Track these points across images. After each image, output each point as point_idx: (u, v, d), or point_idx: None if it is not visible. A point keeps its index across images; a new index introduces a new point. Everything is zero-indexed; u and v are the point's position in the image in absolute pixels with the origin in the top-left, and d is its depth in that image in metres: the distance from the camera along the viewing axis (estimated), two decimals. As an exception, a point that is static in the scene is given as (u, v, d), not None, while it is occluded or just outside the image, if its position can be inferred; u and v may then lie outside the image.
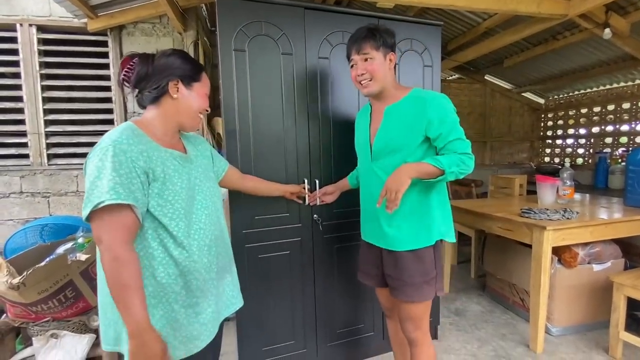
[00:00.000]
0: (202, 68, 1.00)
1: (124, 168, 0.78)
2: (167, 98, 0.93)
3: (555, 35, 3.27)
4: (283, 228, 1.58)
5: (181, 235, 0.87)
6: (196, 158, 1.02)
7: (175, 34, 2.76)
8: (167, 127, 0.95)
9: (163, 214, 0.85)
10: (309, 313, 1.67)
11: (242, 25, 1.45)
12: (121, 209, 0.77)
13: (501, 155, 5.03)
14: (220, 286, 1.02)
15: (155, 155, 0.86)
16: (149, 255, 0.84)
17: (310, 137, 1.60)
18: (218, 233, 1.00)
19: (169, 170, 0.88)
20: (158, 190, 0.84)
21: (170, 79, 0.91)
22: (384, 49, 1.18)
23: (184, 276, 0.88)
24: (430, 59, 1.80)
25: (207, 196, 0.98)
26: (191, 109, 0.96)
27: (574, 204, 2.36)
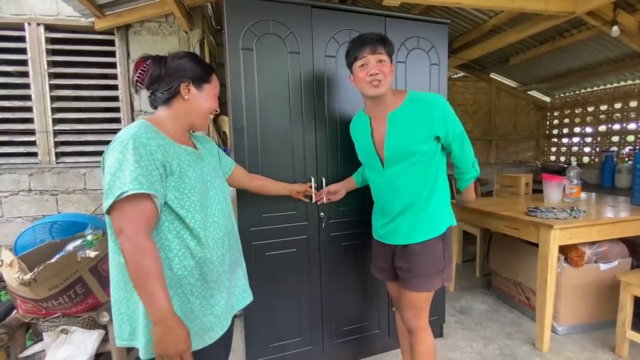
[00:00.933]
0: (213, 70, 1.03)
1: (144, 160, 0.81)
2: (179, 99, 0.96)
3: (562, 33, 3.24)
4: (290, 226, 1.59)
5: (198, 227, 0.90)
6: (206, 156, 1.05)
7: (181, 33, 2.77)
8: (178, 126, 0.98)
9: (180, 206, 0.87)
10: (315, 310, 1.68)
11: (250, 24, 1.45)
12: (143, 198, 0.79)
13: (507, 154, 5.00)
14: (232, 279, 1.05)
15: (171, 150, 0.90)
16: (165, 247, 0.87)
17: (317, 136, 1.61)
18: (230, 227, 1.04)
19: (184, 165, 0.91)
20: (175, 183, 0.87)
21: (182, 81, 0.95)
22: (391, 57, 1.26)
23: (199, 268, 0.91)
24: (437, 57, 1.80)
25: (219, 192, 1.02)
26: (201, 109, 0.99)
27: (581, 203, 2.35)
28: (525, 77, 4.61)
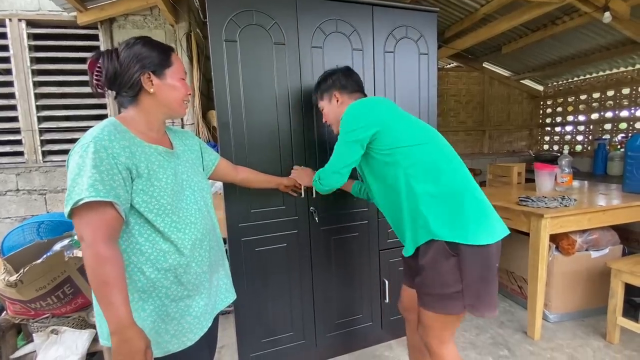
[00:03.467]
0: (170, 49, 0.94)
1: (104, 165, 0.77)
2: (144, 94, 0.89)
3: (554, 20, 3.21)
4: (279, 221, 1.57)
5: (168, 231, 0.86)
6: (183, 153, 0.99)
7: (167, 26, 2.71)
8: (151, 122, 0.92)
9: (148, 210, 0.83)
10: (307, 304, 1.67)
11: (233, 14, 1.42)
12: (101, 206, 0.76)
13: (500, 144, 5.00)
14: (213, 280, 1.01)
15: (138, 151, 0.84)
16: (137, 251, 0.84)
17: (305, 129, 1.58)
18: (209, 227, 0.99)
19: (154, 166, 0.86)
20: (142, 186, 0.83)
21: (141, 73, 0.87)
22: (325, 94, 1.35)
23: (174, 271, 0.87)
24: (426, 46, 1.77)
25: (196, 190, 0.97)
26: (171, 99, 0.92)
27: (572, 191, 2.35)
28: (518, 66, 4.58)
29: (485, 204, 1.12)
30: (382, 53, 1.68)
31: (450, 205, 1.08)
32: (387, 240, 1.79)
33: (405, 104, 1.74)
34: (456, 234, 1.05)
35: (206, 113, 2.81)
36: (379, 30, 1.66)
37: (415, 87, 1.77)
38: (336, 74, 1.35)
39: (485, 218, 1.09)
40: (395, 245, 1.81)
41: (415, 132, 1.16)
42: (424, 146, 1.14)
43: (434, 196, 1.09)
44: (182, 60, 2.68)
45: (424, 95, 1.79)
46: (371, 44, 1.66)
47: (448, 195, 1.09)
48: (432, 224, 1.08)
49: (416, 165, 1.12)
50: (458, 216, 1.07)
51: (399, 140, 1.14)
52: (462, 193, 1.10)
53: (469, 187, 1.12)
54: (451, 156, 1.17)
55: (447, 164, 1.14)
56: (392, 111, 1.20)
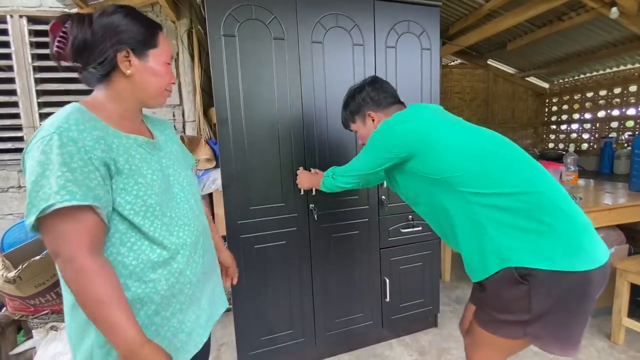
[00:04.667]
0: (158, 27, 0.78)
1: (76, 161, 0.62)
2: (118, 75, 0.74)
3: (560, 16, 3.16)
4: (279, 218, 1.56)
5: (160, 236, 0.73)
6: (165, 143, 0.85)
7: (168, 23, 2.70)
8: (125, 110, 0.77)
9: (134, 213, 0.70)
10: (307, 302, 1.66)
11: (232, 9, 1.40)
12: (79, 211, 0.62)
13: (504, 142, 4.95)
14: (208, 287, 0.88)
15: (115, 143, 0.70)
16: (118, 264, 0.69)
17: (305, 125, 1.56)
18: (202, 228, 0.87)
19: (135, 160, 0.72)
20: (124, 185, 0.69)
21: (117, 50, 0.71)
22: (357, 116, 1.21)
23: (165, 282, 0.74)
24: (429, 41, 1.74)
25: (185, 187, 0.84)
26: (151, 86, 0.77)
27: (578, 190, 2.31)
28: (523, 63, 4.52)
29: (573, 220, 0.88)
30: (383, 48, 1.66)
31: (524, 222, 0.87)
32: (388, 238, 1.77)
33: (407, 100, 1.71)
34: (531, 258, 0.85)
35: (207, 110, 2.79)
36: (380, 25, 1.63)
37: (418, 83, 1.75)
38: (364, 89, 1.18)
39: (572, 237, 0.86)
40: (396, 243, 1.79)
41: (463, 154, 0.94)
42: (478, 167, 0.92)
43: (503, 211, 0.89)
44: (183, 56, 2.67)
45: (426, 91, 1.77)
46: (372, 39, 1.63)
47: (523, 210, 0.87)
48: (505, 248, 0.88)
49: (473, 184, 0.92)
50: (535, 235, 0.86)
51: (438, 170, 0.96)
52: (539, 209, 0.87)
53: (549, 200, 0.89)
54: (518, 167, 0.93)
55: (514, 176, 0.91)
56: (435, 131, 0.98)
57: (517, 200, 0.88)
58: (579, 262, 0.83)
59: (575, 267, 0.83)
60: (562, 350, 0.88)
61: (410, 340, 1.91)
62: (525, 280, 0.85)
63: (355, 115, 1.21)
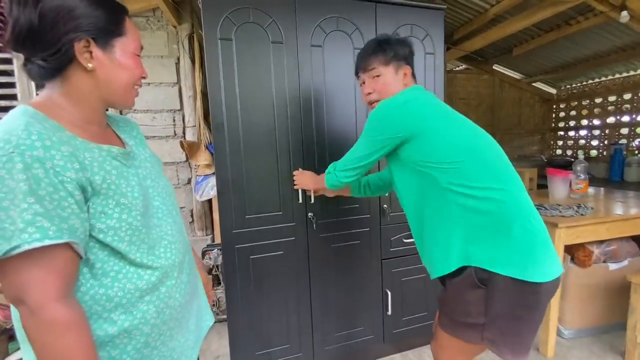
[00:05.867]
0: (125, 12, 0.66)
1: (44, 187, 0.51)
2: (77, 69, 0.60)
3: (568, 21, 3.10)
4: (276, 227, 1.50)
5: (147, 260, 0.64)
6: (137, 150, 0.75)
7: (169, 28, 2.69)
8: (89, 112, 0.64)
9: (118, 239, 0.60)
10: (305, 316, 1.59)
11: (228, 12, 1.36)
12: (51, 250, 0.51)
13: (511, 148, 4.86)
14: (194, 305, 0.81)
15: (88, 158, 0.58)
16: (101, 298, 0.60)
17: (304, 130, 1.51)
18: (186, 243, 0.79)
19: (113, 177, 0.62)
20: (102, 207, 0.59)
21: (74, 39, 0.58)
22: (396, 62, 1.08)
23: (155, 309, 0.66)
24: (433, 45, 1.69)
25: (166, 198, 0.75)
26: (117, 82, 0.64)
27: (588, 199, 2.23)
28: (530, 69, 4.46)
29: (539, 233, 0.92)
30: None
31: (495, 226, 0.90)
32: (390, 248, 1.70)
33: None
34: (493, 261, 0.89)
35: (208, 115, 2.76)
36: (382, 29, 1.58)
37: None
38: (412, 47, 1.12)
39: (535, 249, 0.90)
40: (398, 254, 1.72)
41: (456, 144, 0.95)
42: (464, 163, 0.93)
43: (477, 213, 0.91)
44: (184, 61, 2.65)
45: (429, 96, 1.71)
46: (374, 43, 1.58)
47: (494, 214, 0.90)
48: (471, 247, 0.91)
49: (455, 179, 0.93)
50: (502, 240, 0.89)
51: (431, 155, 0.95)
52: (512, 215, 0.91)
53: (522, 209, 0.93)
54: (501, 171, 0.96)
55: (496, 181, 0.93)
56: (432, 117, 0.97)
57: (493, 205, 0.91)
58: (535, 273, 0.87)
59: (531, 278, 0.87)
60: (515, 356, 0.92)
61: (413, 356, 1.83)
62: (484, 284, 0.91)
63: (396, 61, 1.07)
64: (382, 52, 1.07)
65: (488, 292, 0.90)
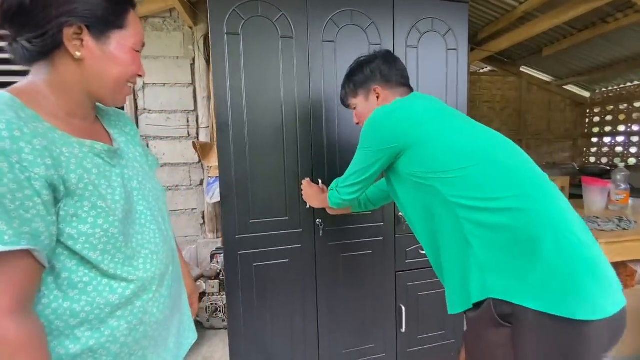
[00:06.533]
0: (130, 4, 0.61)
1: (6, 183, 0.45)
2: (64, 56, 0.55)
3: (605, 18, 2.87)
4: (282, 233, 1.41)
5: (122, 272, 0.58)
6: (127, 148, 0.69)
7: (185, 28, 2.68)
8: (74, 104, 0.59)
9: (91, 247, 0.53)
10: (311, 330, 1.48)
11: (236, 5, 1.29)
12: (6, 258, 0.46)
13: (539, 155, 4.59)
14: (175, 322, 0.73)
15: (65, 154, 0.53)
16: (66, 311, 0.53)
17: (314, 131, 1.42)
18: (171, 253, 0.70)
19: (92, 177, 0.56)
20: (75, 210, 0.52)
21: (65, 23, 0.53)
22: (361, 89, 1.06)
23: (127, 326, 0.58)
24: (455, 41, 1.56)
25: (152, 203, 0.68)
26: (109, 77, 0.59)
27: (629, 211, 2.01)
28: (561, 70, 4.19)
29: (583, 252, 0.71)
30: (403, 48, 1.49)
31: (517, 245, 0.72)
32: (406, 260, 1.57)
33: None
34: (517, 291, 0.70)
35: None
36: (400, 23, 1.48)
37: (442, 86, 1.57)
38: (375, 61, 1.04)
39: (578, 274, 0.68)
40: (414, 266, 1.58)
41: (458, 149, 0.82)
42: (470, 170, 0.79)
43: (493, 229, 0.74)
44: (199, 62, 2.63)
45: (452, 95, 1.58)
46: (391, 38, 1.48)
47: (515, 229, 0.72)
48: (490, 274, 0.73)
49: (461, 190, 0.79)
50: (528, 262, 0.70)
51: (429, 164, 0.83)
52: (540, 228, 0.71)
53: (554, 220, 0.72)
54: (521, 175, 0.78)
55: (514, 187, 0.76)
56: (427, 122, 0.87)
57: (511, 218, 0.73)
58: (578, 308, 0.65)
59: (573, 313, 0.65)
60: None
61: (429, 377, 1.68)
62: (508, 321, 0.71)
63: (359, 89, 1.06)
64: (347, 87, 1.10)
65: (515, 331, 0.70)
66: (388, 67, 1.03)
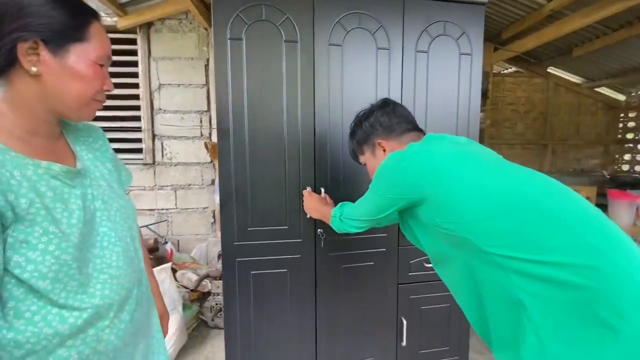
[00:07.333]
0: (92, 15, 0.58)
1: None
2: (21, 72, 0.53)
3: (643, 16, 2.66)
4: (280, 243, 1.38)
5: (74, 301, 0.54)
6: (94, 165, 0.66)
7: (200, 30, 2.71)
8: (33, 122, 0.56)
9: (40, 275, 0.50)
10: (309, 341, 1.45)
11: (240, 9, 1.27)
12: None
13: (565, 161, 4.35)
14: (141, 348, 0.68)
15: (17, 177, 0.50)
16: (9, 342, 0.50)
17: (317, 138, 1.38)
18: (136, 275, 0.66)
19: (46, 201, 0.53)
20: (25, 236, 0.50)
21: (19, 39, 0.51)
22: (365, 146, 1.04)
23: (78, 356, 0.55)
24: (469, 45, 1.48)
25: (118, 222, 0.65)
26: (69, 93, 0.56)
27: (661, 228, 1.86)
28: (593, 72, 3.94)
29: None
30: (413, 53, 1.43)
31: (584, 311, 0.58)
32: (409, 272, 1.52)
33: (438, 115, 1.47)
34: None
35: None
36: (410, 26, 1.41)
37: (454, 93, 1.49)
38: (373, 114, 1.00)
39: None
40: (418, 279, 1.53)
41: (492, 194, 0.70)
42: (509, 216, 0.67)
43: (552, 286, 0.61)
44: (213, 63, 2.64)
45: (464, 103, 1.50)
46: (400, 42, 1.42)
47: (583, 289, 0.59)
48: (550, 346, 0.60)
49: (502, 239, 0.67)
50: (599, 336, 0.57)
51: (456, 214, 0.72)
52: (611, 291, 0.58)
53: (631, 280, 0.58)
54: (580, 223, 0.64)
55: (570, 237, 0.63)
56: (448, 168, 0.76)
57: (575, 274, 0.59)
58: None
59: None
60: None
61: (432, 394, 1.62)
62: None
63: (364, 145, 1.03)
64: (352, 145, 1.09)
65: None
66: (387, 117, 0.98)
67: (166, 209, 2.79)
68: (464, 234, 0.71)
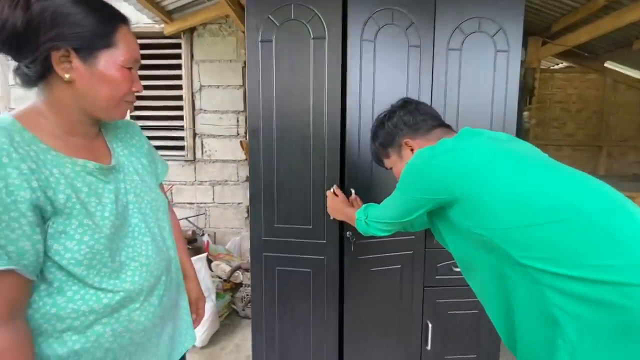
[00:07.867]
0: (120, 20, 0.62)
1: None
2: (57, 79, 0.58)
3: None
4: (304, 242, 1.41)
5: (107, 285, 0.61)
6: (129, 160, 0.72)
7: (239, 33, 2.82)
8: (71, 124, 0.62)
9: (76, 263, 0.57)
10: (331, 348, 1.46)
11: (271, 11, 1.32)
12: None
13: (622, 165, 3.95)
14: (168, 329, 0.75)
15: (55, 174, 0.56)
16: (53, 317, 0.57)
17: (348, 137, 1.37)
18: (165, 264, 0.72)
19: (82, 195, 0.59)
20: (64, 227, 0.56)
21: (52, 48, 0.55)
22: (391, 148, 0.98)
23: (112, 332, 0.62)
24: (507, 42, 1.41)
25: (149, 215, 0.70)
26: (100, 96, 0.61)
27: None
28: (659, 66, 3.54)
29: None
30: (444, 51, 1.39)
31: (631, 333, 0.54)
32: (436, 276, 1.48)
33: (470, 116, 1.41)
34: None
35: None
36: (442, 23, 1.38)
37: (488, 94, 1.42)
38: (395, 114, 0.96)
39: None
40: (445, 283, 1.49)
41: (534, 199, 0.64)
42: (553, 226, 0.61)
43: (595, 304, 0.57)
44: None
45: (499, 104, 1.43)
46: (431, 40, 1.39)
47: (627, 311, 0.54)
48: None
49: (541, 251, 0.62)
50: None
51: (491, 220, 0.67)
52: None
53: None
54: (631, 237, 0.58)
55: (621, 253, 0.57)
56: (483, 169, 0.70)
57: (619, 294, 0.54)
58: None
59: None
60: None
61: (457, 402, 1.58)
62: None
63: (389, 148, 0.97)
64: (376, 150, 1.03)
65: None
66: (411, 115, 0.94)
67: (204, 203, 2.95)
68: (497, 241, 0.65)
